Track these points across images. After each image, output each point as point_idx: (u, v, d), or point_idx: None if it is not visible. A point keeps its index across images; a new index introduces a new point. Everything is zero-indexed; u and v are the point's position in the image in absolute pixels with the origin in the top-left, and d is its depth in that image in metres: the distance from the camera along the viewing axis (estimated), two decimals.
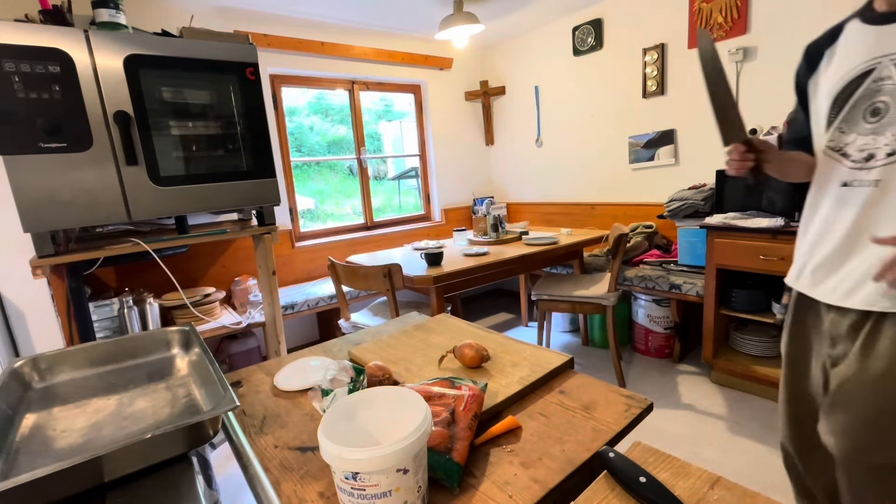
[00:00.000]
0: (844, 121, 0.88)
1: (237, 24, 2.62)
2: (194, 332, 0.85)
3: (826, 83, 0.92)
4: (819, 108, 0.95)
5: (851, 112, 0.87)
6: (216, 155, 1.87)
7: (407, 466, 0.46)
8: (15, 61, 1.46)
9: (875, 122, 0.84)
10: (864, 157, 0.86)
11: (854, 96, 0.86)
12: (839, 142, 0.90)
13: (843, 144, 0.89)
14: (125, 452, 0.51)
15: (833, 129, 0.90)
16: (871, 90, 0.84)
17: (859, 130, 0.86)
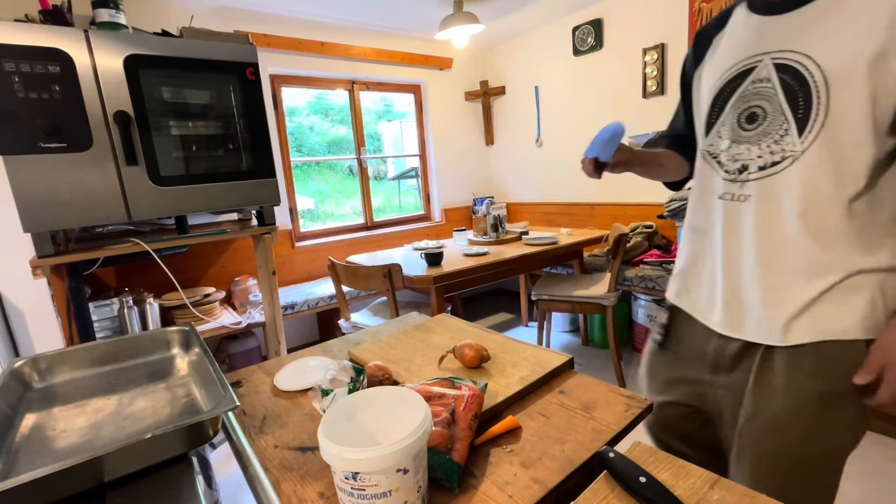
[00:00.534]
0: (723, 124, 0.77)
1: (237, 24, 2.62)
2: (194, 332, 0.85)
3: (708, 78, 0.81)
4: (701, 106, 0.84)
5: (729, 115, 0.76)
6: (216, 155, 1.87)
7: (407, 466, 0.46)
8: (15, 61, 1.46)
9: (751, 129, 0.73)
10: (738, 168, 0.75)
11: (733, 97, 0.75)
12: (716, 147, 0.79)
13: (719, 151, 0.78)
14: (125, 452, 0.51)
15: (713, 133, 0.80)
16: (749, 92, 0.73)
17: (734, 137, 0.75)
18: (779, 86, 0.69)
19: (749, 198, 0.73)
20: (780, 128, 0.69)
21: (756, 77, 0.72)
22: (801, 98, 0.67)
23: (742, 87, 0.74)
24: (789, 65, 0.68)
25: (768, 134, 0.71)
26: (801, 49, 0.67)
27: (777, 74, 0.70)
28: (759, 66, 0.72)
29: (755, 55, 0.73)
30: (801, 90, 0.67)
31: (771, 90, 0.70)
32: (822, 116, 0.65)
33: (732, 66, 0.76)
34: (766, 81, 0.71)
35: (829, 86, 0.64)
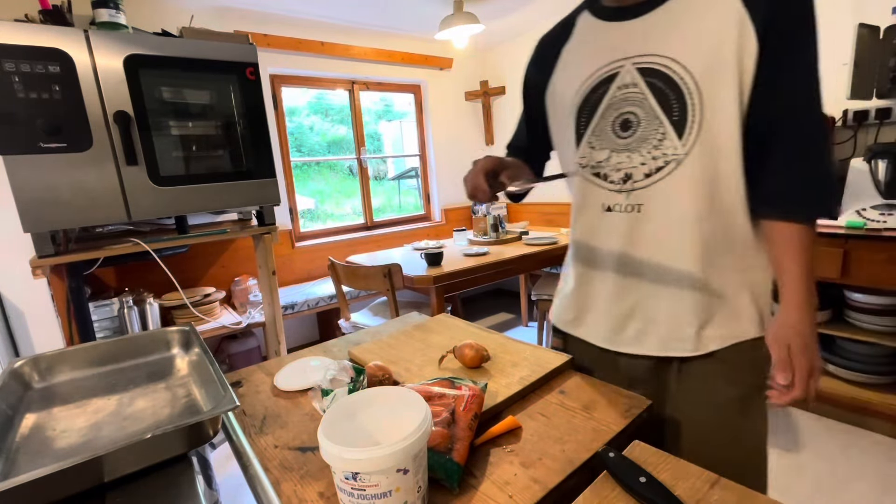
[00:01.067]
0: (594, 134, 0.75)
1: (237, 24, 2.62)
2: (194, 332, 0.85)
3: (567, 89, 0.78)
4: (563, 119, 0.80)
5: (601, 124, 0.74)
6: (216, 155, 1.87)
7: (407, 467, 0.46)
8: (15, 61, 1.46)
9: (627, 136, 0.71)
10: (622, 177, 0.73)
11: (601, 106, 0.73)
12: (591, 159, 0.76)
13: (597, 162, 0.75)
14: (125, 452, 0.51)
15: (584, 145, 0.76)
16: (618, 99, 0.71)
17: (612, 146, 0.73)
18: (647, 90, 0.68)
19: (641, 206, 0.71)
20: (656, 132, 0.69)
21: (621, 83, 0.71)
22: (675, 101, 0.66)
23: (608, 94, 0.72)
24: (654, 68, 0.67)
25: (646, 140, 0.69)
26: (663, 52, 0.67)
27: (643, 79, 0.69)
28: (621, 72, 0.71)
29: (615, 61, 0.71)
30: (673, 93, 0.66)
31: (640, 95, 0.69)
32: (698, 117, 0.65)
33: (592, 74, 0.74)
34: (633, 87, 0.70)
35: (700, 88, 0.64)
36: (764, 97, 0.64)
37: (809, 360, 0.65)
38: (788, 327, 0.66)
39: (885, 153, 1.80)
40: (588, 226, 0.80)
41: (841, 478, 1.63)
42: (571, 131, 0.78)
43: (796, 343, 0.65)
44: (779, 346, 0.66)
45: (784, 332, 0.66)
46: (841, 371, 1.95)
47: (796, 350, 0.65)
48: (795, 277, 0.66)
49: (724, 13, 0.62)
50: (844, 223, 1.81)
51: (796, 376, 0.65)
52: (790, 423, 1.97)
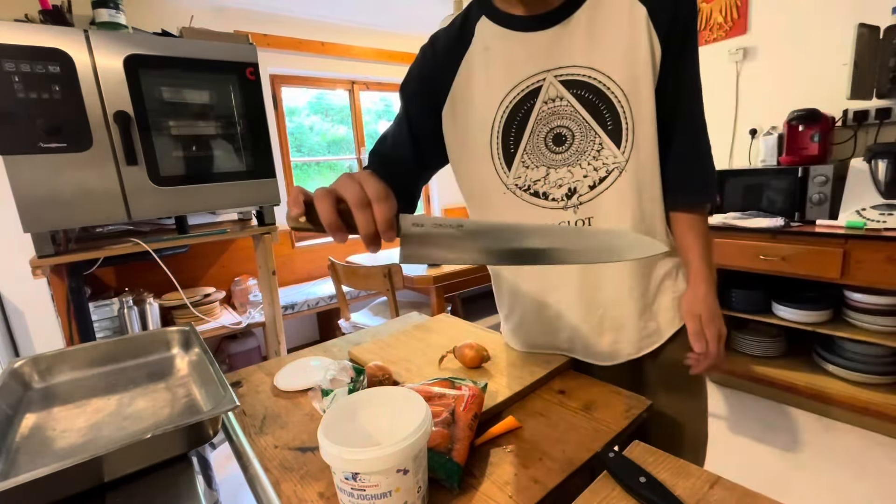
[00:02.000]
0: (527, 153, 0.71)
1: (237, 24, 2.62)
2: (194, 332, 0.85)
3: (483, 106, 0.71)
4: (480, 140, 0.73)
5: (532, 141, 0.70)
6: (216, 155, 1.87)
7: (407, 467, 0.46)
8: (15, 61, 1.46)
9: (563, 150, 0.69)
10: (565, 193, 0.70)
11: (529, 123, 0.69)
12: (527, 178, 0.71)
13: (534, 181, 0.71)
14: (125, 452, 0.51)
15: (517, 165, 0.72)
16: (546, 113, 0.68)
17: (548, 162, 0.70)
18: (576, 102, 0.67)
19: (591, 219, 0.70)
20: (593, 143, 0.68)
21: (546, 97, 0.68)
22: (606, 111, 0.66)
23: (535, 110, 0.69)
24: (579, 80, 0.66)
25: (584, 152, 0.68)
26: (584, 63, 0.66)
27: (569, 91, 0.67)
28: (544, 86, 0.68)
29: (534, 74, 0.68)
30: (603, 103, 0.66)
31: (569, 108, 0.67)
32: (631, 124, 0.66)
33: (512, 89, 0.69)
34: (560, 100, 0.68)
35: (627, 95, 0.65)
36: (663, 98, 0.67)
37: (717, 327, 0.71)
38: (698, 301, 0.71)
39: (885, 153, 1.80)
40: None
41: (841, 478, 1.63)
42: (498, 152, 0.72)
43: (706, 313, 0.71)
44: (691, 317, 0.72)
45: (694, 306, 0.72)
46: (841, 371, 1.95)
47: (706, 319, 0.71)
48: (697, 256, 0.72)
49: (633, 21, 0.64)
50: (844, 223, 1.81)
51: (709, 344, 0.71)
52: (790, 423, 1.97)
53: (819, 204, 1.94)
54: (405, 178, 0.77)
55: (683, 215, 0.73)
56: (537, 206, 0.72)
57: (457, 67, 0.73)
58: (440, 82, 0.74)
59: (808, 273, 1.87)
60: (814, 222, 1.93)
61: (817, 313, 1.96)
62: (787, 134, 2.13)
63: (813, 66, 2.17)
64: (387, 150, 0.79)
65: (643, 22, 0.64)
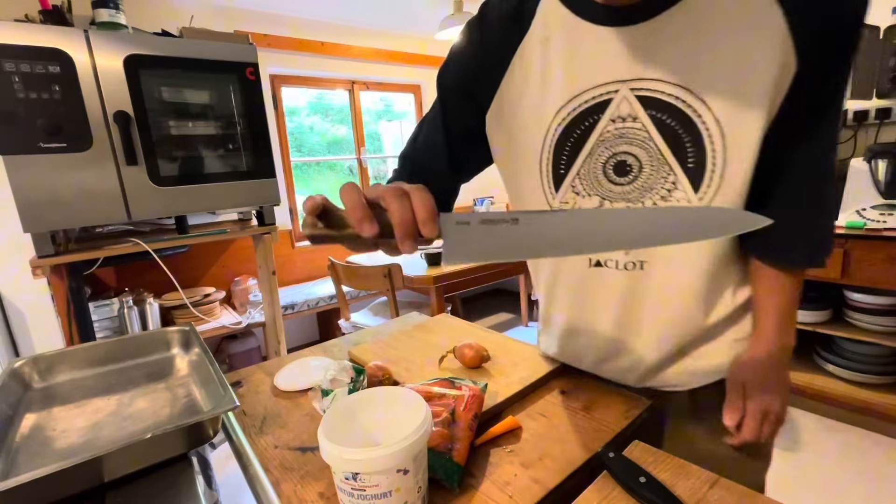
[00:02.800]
0: (580, 177, 0.59)
1: (237, 24, 2.62)
2: (194, 332, 0.85)
3: (538, 107, 0.60)
4: (530, 152, 0.62)
5: (588, 165, 0.58)
6: (216, 155, 1.87)
7: (407, 467, 0.46)
8: (15, 61, 1.46)
9: (625, 183, 0.57)
10: None
11: (589, 141, 0.57)
12: (576, 206, 0.61)
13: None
14: (125, 452, 0.51)
15: (565, 188, 0.61)
16: (611, 135, 0.56)
17: (604, 193, 0.59)
18: (653, 127, 0.53)
19: (644, 263, 0.59)
20: (664, 181, 0.55)
21: (615, 114, 0.55)
22: (690, 144, 0.52)
23: (598, 128, 0.56)
24: (661, 100, 0.52)
25: (651, 188, 0.56)
26: (674, 79, 0.51)
27: (645, 111, 0.53)
28: (615, 100, 0.54)
29: (606, 83, 0.54)
30: (688, 134, 0.52)
31: (642, 133, 0.54)
32: (720, 166, 0.52)
33: (575, 97, 0.56)
34: (632, 121, 0.54)
35: (723, 130, 0.50)
36: (781, 133, 0.51)
37: (764, 403, 0.59)
38: (749, 365, 0.60)
39: (885, 153, 1.80)
40: (569, 281, 0.68)
41: (841, 478, 1.63)
42: (547, 169, 0.62)
43: (752, 382, 0.59)
44: (732, 383, 0.61)
45: (742, 370, 0.61)
46: (841, 371, 1.95)
47: (751, 389, 0.59)
48: (769, 312, 0.60)
49: (761, 29, 0.47)
50: (844, 223, 1.81)
51: (746, 418, 0.59)
52: (790, 423, 1.97)
53: None
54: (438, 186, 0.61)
55: (773, 273, 0.60)
56: None
57: (509, 59, 0.60)
58: (487, 76, 0.62)
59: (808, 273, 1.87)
60: None
61: (817, 313, 1.96)
62: None
63: None
64: (417, 153, 0.71)
65: (778, 31, 0.46)
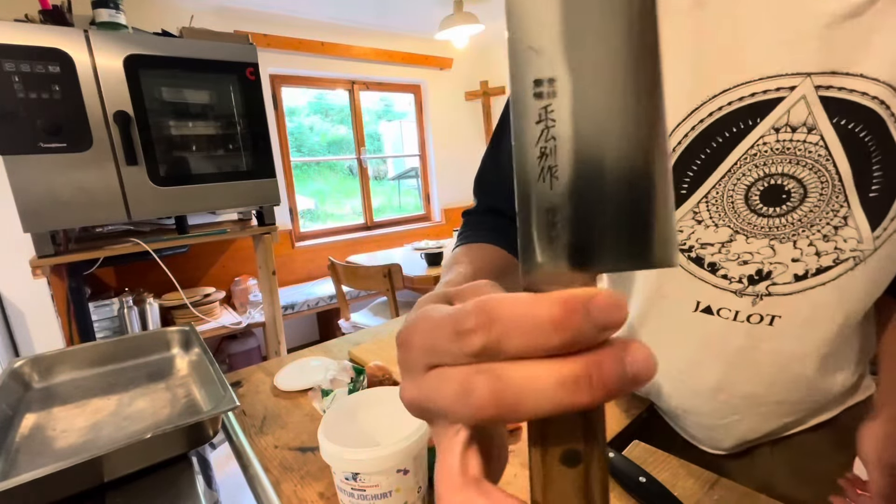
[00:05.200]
0: (709, 200, 0.45)
1: (237, 24, 2.62)
2: (194, 332, 0.85)
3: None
4: None
5: (725, 186, 0.44)
6: (216, 155, 1.87)
7: (407, 467, 0.46)
8: (15, 61, 1.46)
9: (777, 215, 0.43)
10: (751, 274, 0.46)
11: (732, 154, 0.42)
12: (693, 237, 0.47)
13: (702, 245, 0.47)
14: (125, 452, 0.51)
15: (684, 213, 0.46)
16: (770, 149, 0.41)
17: (742, 225, 0.44)
18: (837, 143, 0.39)
19: (775, 319, 0.46)
20: (834, 214, 0.41)
21: (784, 121, 0.40)
22: (879, 164, 0.38)
23: (751, 136, 0.41)
24: (859, 103, 0.37)
25: (812, 224, 0.42)
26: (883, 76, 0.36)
27: (831, 120, 0.39)
28: (787, 99, 0.39)
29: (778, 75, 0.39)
30: (880, 150, 0.38)
31: (819, 150, 0.40)
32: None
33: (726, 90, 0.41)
34: (808, 132, 0.39)
35: None
36: None
37: None
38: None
39: None
40: (663, 325, 0.54)
41: None
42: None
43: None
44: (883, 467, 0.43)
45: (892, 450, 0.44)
46: None
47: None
48: None
49: None
50: None
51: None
52: None
53: None
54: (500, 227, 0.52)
55: None
56: (697, 276, 0.48)
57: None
58: None
59: None
60: None
61: None
62: None
63: None
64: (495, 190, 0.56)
65: None
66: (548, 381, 0.14)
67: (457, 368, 0.16)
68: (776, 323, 0.47)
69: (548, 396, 0.14)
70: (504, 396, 0.14)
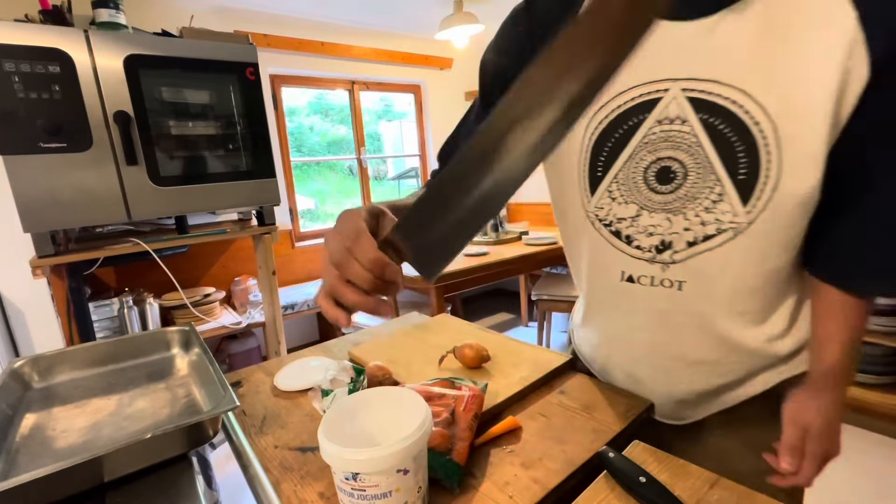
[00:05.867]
0: (617, 181, 0.55)
1: (237, 24, 2.62)
2: (194, 332, 0.85)
3: None
4: (566, 147, 0.59)
5: (628, 169, 0.55)
6: (216, 155, 1.87)
7: (407, 467, 0.46)
8: (15, 61, 1.46)
9: (666, 192, 0.53)
10: (656, 245, 0.55)
11: (630, 144, 0.54)
12: (611, 213, 0.57)
13: (618, 219, 0.57)
14: (125, 452, 0.51)
15: (601, 193, 0.57)
16: (656, 138, 0.52)
17: (643, 202, 0.55)
18: (702, 131, 0.50)
19: (683, 284, 0.55)
20: (710, 191, 0.51)
21: (663, 115, 0.51)
22: (743, 153, 0.48)
23: (643, 129, 0.53)
24: (715, 102, 0.48)
25: (694, 199, 0.52)
26: (732, 81, 0.47)
27: (696, 115, 0.50)
28: (664, 99, 0.51)
29: (655, 81, 0.51)
30: (742, 141, 0.48)
31: (691, 138, 0.50)
32: (774, 177, 0.48)
33: (620, 93, 0.53)
34: (681, 123, 0.50)
35: (781, 139, 0.46)
36: (852, 143, 0.46)
37: (825, 448, 0.56)
38: (813, 408, 0.56)
39: None
40: (601, 294, 0.65)
41: (841, 478, 1.63)
42: (585, 169, 0.58)
43: (818, 426, 0.55)
44: (795, 426, 0.56)
45: (807, 413, 0.56)
46: None
47: (815, 434, 0.55)
48: (838, 349, 0.54)
49: (830, 32, 0.43)
50: None
51: (805, 462, 0.56)
52: None
53: None
54: None
55: (837, 297, 0.54)
56: (618, 248, 0.58)
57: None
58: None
59: None
60: None
61: None
62: None
63: None
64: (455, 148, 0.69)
65: (847, 31, 0.43)
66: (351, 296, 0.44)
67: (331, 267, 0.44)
68: (684, 287, 0.56)
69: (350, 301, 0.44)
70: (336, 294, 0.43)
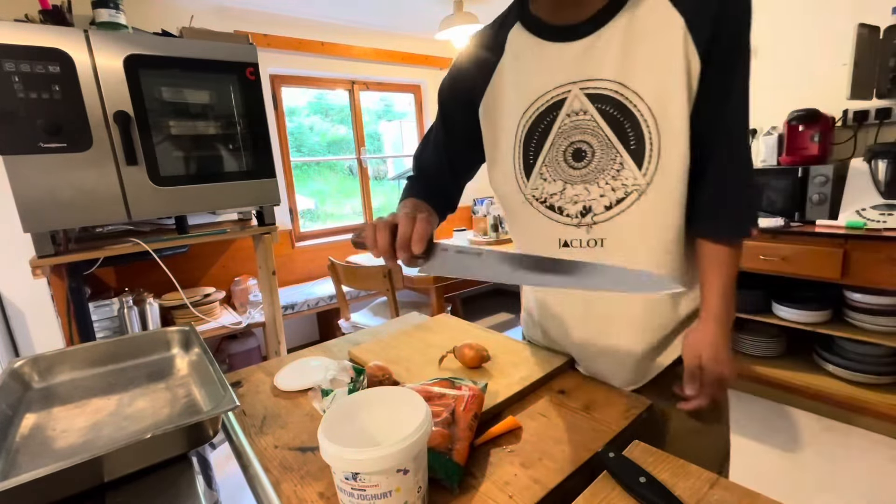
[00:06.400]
0: (546, 164, 0.70)
1: (237, 24, 2.62)
2: (194, 332, 0.85)
3: (509, 114, 0.73)
4: (503, 145, 0.75)
5: (551, 154, 0.69)
6: (216, 155, 1.87)
7: (407, 467, 0.46)
8: (15, 61, 1.46)
9: (582, 167, 0.67)
10: (580, 210, 0.69)
11: (550, 134, 0.69)
12: (544, 191, 0.71)
13: (550, 195, 0.71)
14: (125, 452, 0.51)
15: (535, 176, 0.72)
16: (568, 127, 0.67)
17: (566, 177, 0.69)
18: (600, 117, 0.65)
19: (603, 241, 0.68)
20: (613, 162, 0.65)
21: (570, 110, 0.67)
22: (630, 129, 0.63)
23: (557, 122, 0.68)
24: (605, 94, 0.64)
25: (603, 170, 0.66)
26: (612, 77, 0.63)
27: (593, 105, 0.65)
28: (568, 98, 0.66)
29: (560, 85, 0.67)
30: (628, 120, 0.63)
31: (592, 123, 0.65)
32: (656, 145, 0.62)
33: (537, 99, 0.69)
34: (583, 114, 0.66)
35: (654, 114, 0.62)
36: (701, 120, 0.62)
37: (718, 372, 0.67)
38: (702, 340, 0.67)
39: (885, 153, 1.81)
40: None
41: (841, 478, 1.63)
42: (519, 161, 0.73)
43: (707, 354, 0.66)
44: (691, 356, 0.68)
45: (698, 345, 0.68)
46: (841, 371, 1.95)
47: (707, 361, 0.67)
48: (715, 292, 0.67)
49: (668, 33, 0.60)
50: (844, 223, 1.81)
51: (703, 387, 0.68)
52: (790, 423, 1.97)
53: (819, 204, 1.94)
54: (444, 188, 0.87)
55: (710, 246, 0.68)
56: (552, 219, 0.71)
57: (490, 76, 0.75)
58: (475, 92, 0.76)
59: (808, 273, 1.87)
60: (814, 222, 1.93)
61: (817, 313, 1.96)
62: (787, 134, 2.13)
63: (813, 66, 2.17)
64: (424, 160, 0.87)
65: (680, 33, 0.59)
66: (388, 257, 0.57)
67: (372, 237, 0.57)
68: (605, 244, 0.68)
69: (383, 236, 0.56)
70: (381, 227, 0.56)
